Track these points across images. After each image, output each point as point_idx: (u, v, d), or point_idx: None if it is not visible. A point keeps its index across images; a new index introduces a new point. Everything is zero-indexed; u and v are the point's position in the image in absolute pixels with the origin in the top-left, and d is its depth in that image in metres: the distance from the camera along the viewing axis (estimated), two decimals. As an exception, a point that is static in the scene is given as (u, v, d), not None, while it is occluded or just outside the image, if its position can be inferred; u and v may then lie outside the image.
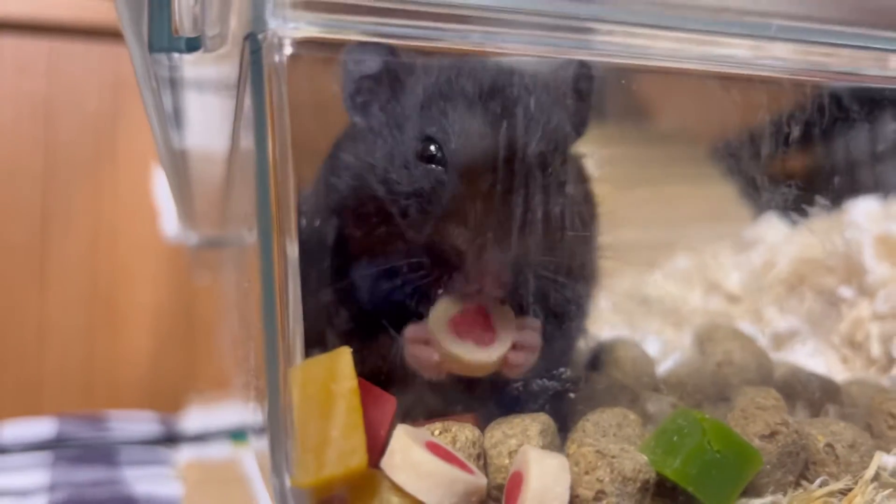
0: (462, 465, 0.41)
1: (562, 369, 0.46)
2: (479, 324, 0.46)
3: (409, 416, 0.45)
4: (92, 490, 0.78)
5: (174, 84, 0.46)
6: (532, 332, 0.47)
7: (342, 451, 0.38)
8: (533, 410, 0.45)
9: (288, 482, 0.38)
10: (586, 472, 0.42)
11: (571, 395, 0.46)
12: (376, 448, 0.41)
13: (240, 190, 0.71)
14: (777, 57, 0.45)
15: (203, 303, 1.29)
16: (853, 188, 0.77)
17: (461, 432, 0.44)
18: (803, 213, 0.73)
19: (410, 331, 0.47)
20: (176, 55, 0.38)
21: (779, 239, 0.84)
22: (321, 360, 0.40)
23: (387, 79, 0.49)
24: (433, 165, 0.46)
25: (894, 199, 0.81)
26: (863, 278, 0.75)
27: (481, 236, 0.44)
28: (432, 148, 0.46)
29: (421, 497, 0.39)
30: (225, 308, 0.93)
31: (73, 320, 1.26)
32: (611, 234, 0.57)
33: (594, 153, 0.56)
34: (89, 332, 1.27)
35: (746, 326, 0.75)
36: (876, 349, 0.70)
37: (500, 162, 0.46)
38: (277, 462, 0.38)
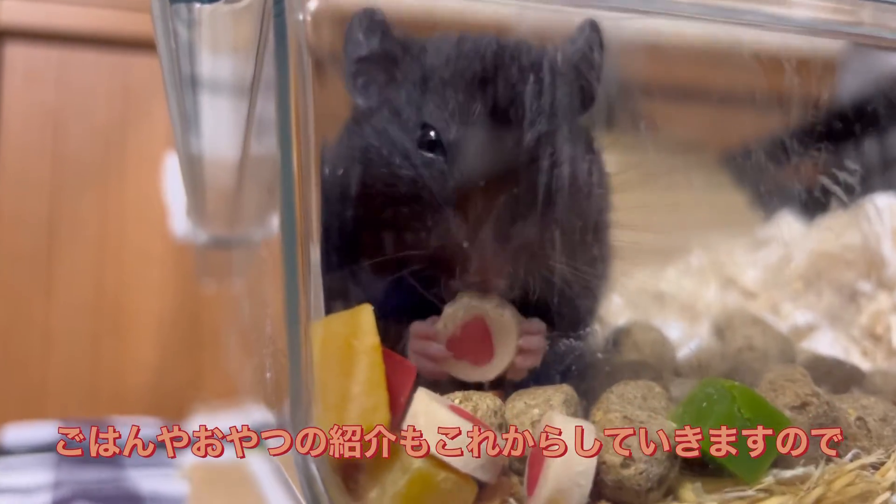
0: (487, 429, 0.40)
1: (587, 329, 0.45)
2: (477, 342, 0.46)
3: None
4: (97, 487, 0.76)
5: (192, 48, 0.45)
6: (535, 337, 0.46)
7: (364, 407, 0.37)
8: (559, 371, 0.44)
9: (308, 440, 0.36)
10: (613, 438, 0.40)
11: (599, 355, 0.44)
12: (396, 414, 0.40)
13: (252, 183, 0.71)
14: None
15: (209, 311, 1.29)
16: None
17: (482, 401, 0.43)
18: (820, 210, 0.73)
19: (417, 327, 0.46)
20: (197, 6, 0.38)
21: (794, 235, 0.83)
22: (342, 316, 0.39)
23: (384, 60, 0.48)
24: (433, 154, 0.45)
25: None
26: (882, 271, 0.75)
27: (484, 228, 0.43)
28: (432, 135, 0.45)
29: (446, 458, 0.38)
30: (234, 307, 0.92)
31: (78, 328, 1.25)
32: (622, 237, 0.56)
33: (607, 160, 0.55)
34: (95, 339, 1.26)
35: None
36: (897, 341, 0.69)
37: (503, 148, 0.44)
38: (298, 420, 0.37)
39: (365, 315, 0.38)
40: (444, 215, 0.44)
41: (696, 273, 0.86)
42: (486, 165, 0.44)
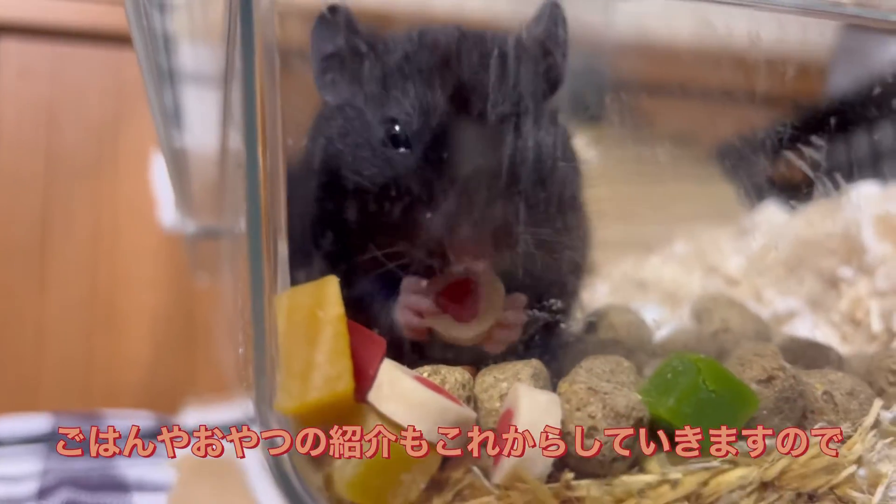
0: (452, 399, 0.40)
1: (552, 301, 0.45)
2: (464, 299, 0.46)
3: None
4: (83, 474, 0.77)
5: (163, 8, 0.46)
6: (517, 311, 0.46)
7: (328, 376, 0.37)
8: (523, 340, 0.44)
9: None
10: (578, 409, 0.41)
11: (562, 325, 0.45)
12: (364, 386, 0.40)
13: (234, 173, 0.72)
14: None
15: (202, 307, 1.29)
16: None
17: (451, 374, 0.43)
18: (803, 200, 0.73)
19: (408, 280, 0.46)
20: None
21: (777, 224, 0.84)
22: (308, 287, 0.39)
23: (350, 56, 0.48)
24: (400, 149, 0.45)
25: (893, 182, 0.81)
26: (862, 258, 0.75)
27: (458, 216, 0.43)
28: (396, 130, 0.45)
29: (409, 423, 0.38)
30: (223, 299, 0.92)
31: (72, 323, 1.25)
32: (608, 228, 0.57)
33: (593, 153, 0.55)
34: (88, 334, 1.26)
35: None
36: (876, 325, 0.69)
37: (471, 135, 0.45)
38: (262, 390, 0.37)
39: (330, 286, 0.39)
40: (418, 208, 0.44)
41: (681, 261, 0.87)
42: (454, 155, 0.44)
